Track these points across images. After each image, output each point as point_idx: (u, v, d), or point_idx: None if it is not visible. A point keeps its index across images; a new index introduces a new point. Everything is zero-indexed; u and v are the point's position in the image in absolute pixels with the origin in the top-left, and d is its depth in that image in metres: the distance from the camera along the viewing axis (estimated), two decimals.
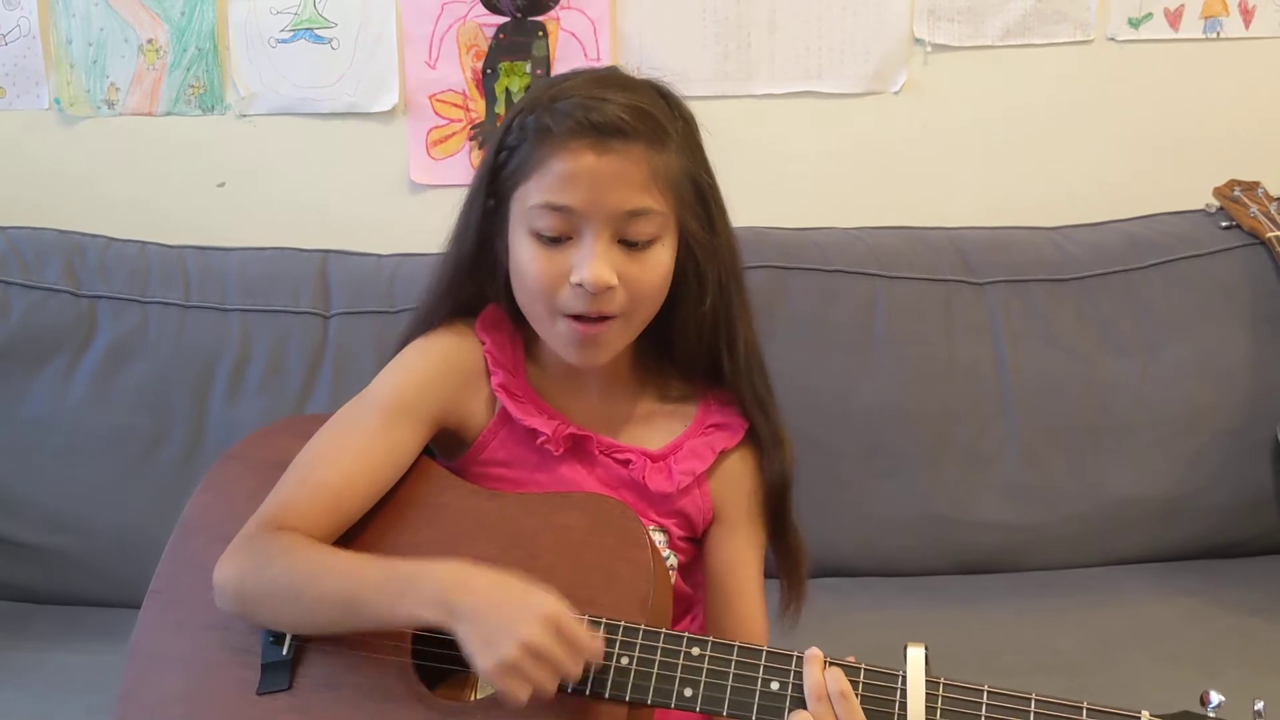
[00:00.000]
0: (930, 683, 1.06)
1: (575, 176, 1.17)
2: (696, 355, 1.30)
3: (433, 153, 2.11)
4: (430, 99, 2.10)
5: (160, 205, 2.10)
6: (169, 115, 2.10)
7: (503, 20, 2.07)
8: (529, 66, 2.09)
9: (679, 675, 1.10)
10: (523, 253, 1.21)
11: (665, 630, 1.12)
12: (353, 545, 1.21)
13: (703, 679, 1.09)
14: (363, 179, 2.12)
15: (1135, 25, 2.13)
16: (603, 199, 1.17)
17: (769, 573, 1.34)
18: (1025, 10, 2.11)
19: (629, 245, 1.19)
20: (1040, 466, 1.89)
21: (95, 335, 1.83)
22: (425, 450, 1.28)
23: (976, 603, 1.78)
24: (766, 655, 1.10)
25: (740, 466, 1.31)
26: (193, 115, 2.10)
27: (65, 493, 1.81)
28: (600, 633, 1.10)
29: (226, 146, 2.11)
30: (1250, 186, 2.00)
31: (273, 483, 1.23)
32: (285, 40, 2.08)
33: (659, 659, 1.10)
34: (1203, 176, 2.04)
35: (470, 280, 1.30)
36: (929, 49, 2.12)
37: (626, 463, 1.27)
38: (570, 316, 1.20)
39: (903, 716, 1.05)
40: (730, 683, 1.09)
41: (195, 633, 1.21)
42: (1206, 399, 1.91)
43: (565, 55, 2.08)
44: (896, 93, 2.12)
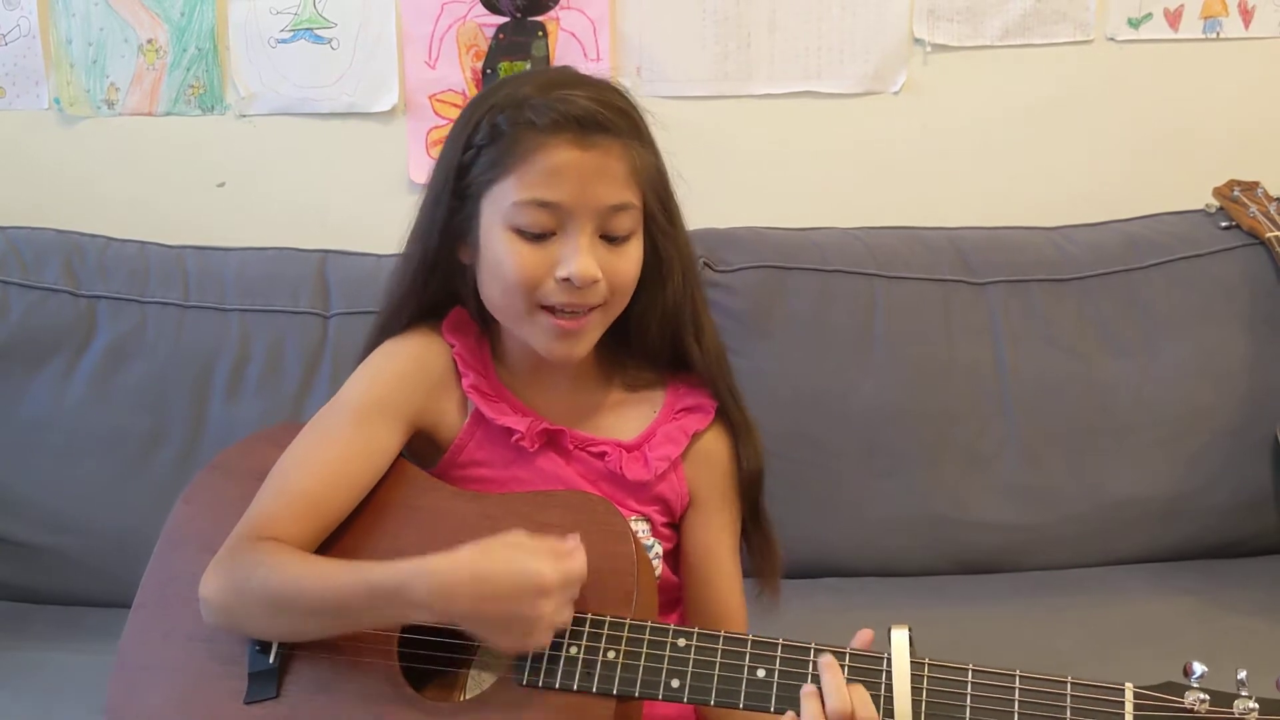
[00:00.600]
0: (915, 664, 1.07)
1: (560, 171, 1.18)
2: (658, 344, 1.31)
3: (433, 153, 2.11)
4: (430, 99, 2.10)
5: (160, 205, 2.10)
6: (169, 115, 2.10)
7: (502, 20, 2.08)
8: (529, 67, 2.08)
9: (665, 667, 1.11)
10: (501, 249, 1.21)
11: (651, 623, 1.13)
12: (335, 550, 1.21)
13: (689, 669, 1.10)
14: (362, 179, 2.12)
15: (1135, 25, 2.13)
16: (588, 193, 1.18)
17: (746, 571, 1.34)
18: (1025, 10, 2.11)
19: (609, 239, 1.21)
20: (1040, 466, 1.89)
21: (94, 335, 1.83)
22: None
23: (976, 603, 1.78)
24: (752, 644, 1.11)
25: (713, 448, 1.32)
26: (192, 115, 2.10)
27: (64, 493, 1.81)
28: (585, 629, 1.11)
29: (226, 146, 2.11)
30: (1250, 186, 2.00)
31: (254, 493, 1.23)
32: (285, 40, 2.08)
33: (645, 651, 1.11)
34: (1202, 176, 2.04)
35: (434, 282, 1.30)
36: (929, 49, 2.12)
37: (602, 455, 1.28)
38: (548, 310, 1.21)
39: (889, 698, 1.06)
40: (717, 672, 1.10)
41: (182, 643, 1.21)
42: (1206, 399, 1.91)
43: (565, 55, 2.08)
44: (896, 93, 2.12)
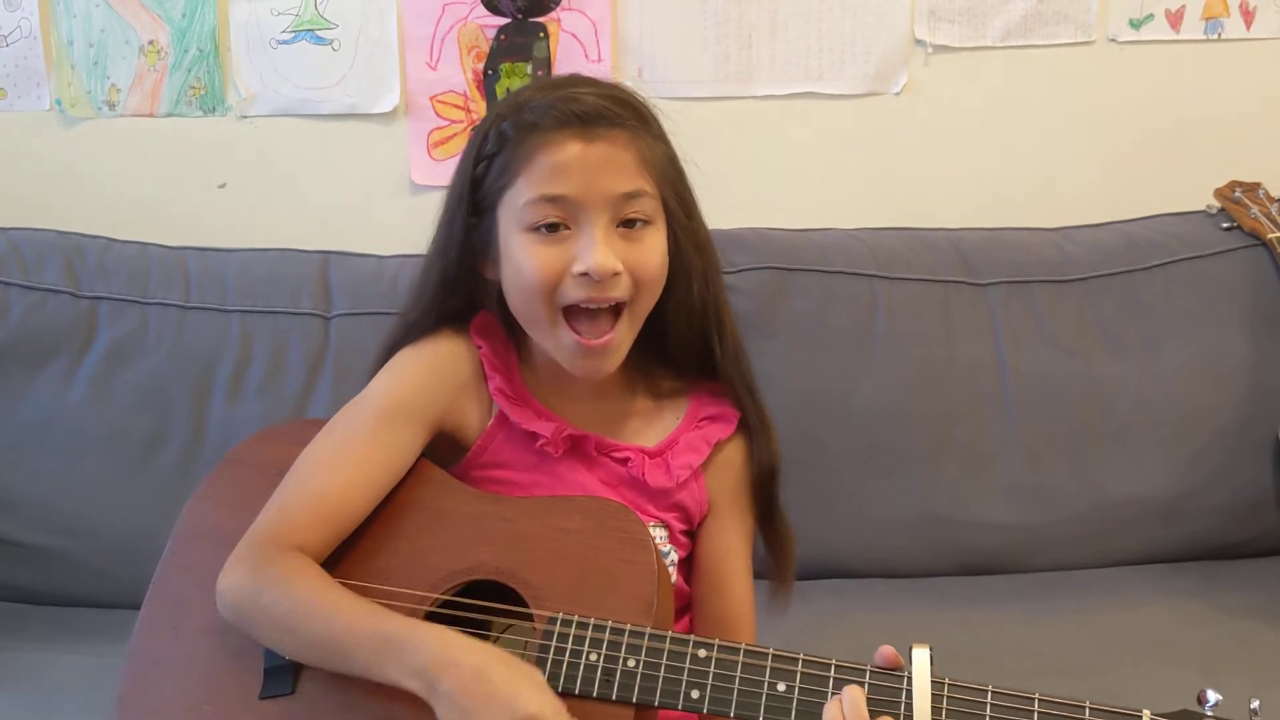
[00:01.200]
0: (935, 683, 1.06)
1: (566, 166, 1.18)
2: (689, 346, 1.30)
3: (434, 154, 2.11)
4: (431, 100, 2.10)
5: (161, 206, 2.10)
6: (170, 116, 2.10)
7: (504, 21, 2.08)
8: (530, 68, 2.09)
9: (685, 678, 1.10)
10: (519, 252, 1.21)
11: (671, 633, 1.12)
12: (354, 551, 1.21)
13: (709, 681, 1.10)
14: (364, 180, 2.13)
15: (1136, 26, 2.13)
16: (597, 184, 1.18)
17: (758, 573, 1.34)
18: (1026, 11, 2.11)
19: (628, 228, 1.20)
20: (1040, 467, 1.88)
21: (95, 336, 1.83)
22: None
23: (976, 604, 1.78)
24: (773, 657, 1.10)
25: (733, 457, 1.32)
26: (194, 116, 2.10)
27: (65, 493, 1.81)
28: (606, 636, 1.11)
29: (227, 148, 2.11)
30: (1251, 187, 2.00)
31: (272, 487, 1.23)
32: (286, 41, 2.08)
33: (665, 661, 1.10)
34: (1203, 177, 2.04)
35: (454, 295, 1.30)
36: (930, 50, 2.12)
37: (625, 461, 1.28)
38: (572, 326, 1.21)
39: (908, 716, 1.05)
40: (737, 685, 1.09)
41: (195, 636, 1.21)
42: (1207, 400, 1.91)
43: (566, 56, 2.08)
44: (897, 94, 2.12)
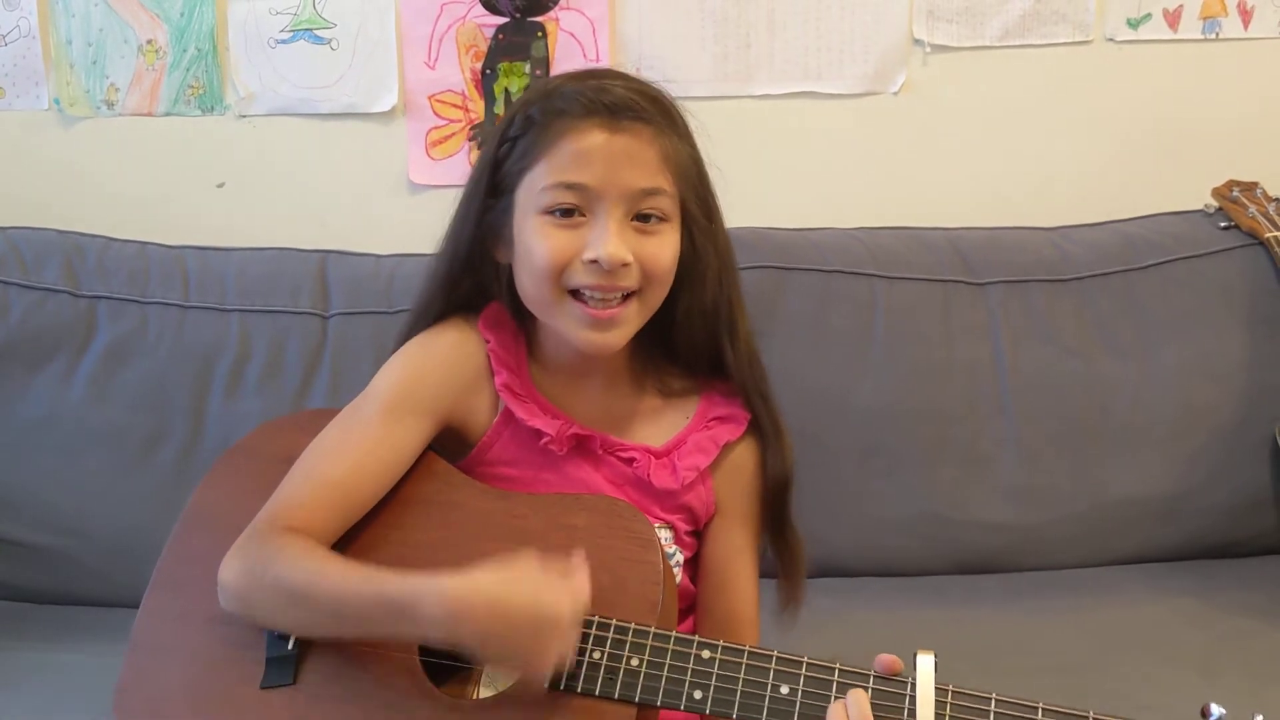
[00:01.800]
0: (939, 690, 1.06)
1: (588, 154, 1.18)
2: (699, 347, 1.30)
3: (432, 153, 2.11)
4: (430, 99, 2.10)
5: (160, 205, 2.10)
6: (168, 115, 2.10)
7: (502, 21, 2.08)
8: (528, 67, 2.09)
9: (689, 678, 1.10)
10: (532, 235, 1.21)
11: (675, 633, 1.12)
12: (359, 541, 1.21)
13: (713, 682, 1.10)
14: (362, 179, 2.13)
15: (1134, 26, 2.13)
16: (616, 176, 1.18)
17: (766, 572, 1.34)
18: (1024, 11, 2.11)
19: (642, 222, 1.20)
20: (1039, 466, 1.89)
21: (95, 335, 1.83)
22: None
23: (974, 603, 1.78)
24: (777, 660, 1.10)
25: (743, 459, 1.31)
26: (192, 115, 2.10)
27: (65, 492, 1.81)
28: (610, 635, 1.11)
29: (226, 147, 2.11)
30: (1249, 187, 2.01)
31: (279, 477, 1.23)
32: (285, 41, 2.08)
33: (669, 661, 1.11)
34: (1201, 177, 2.04)
35: (468, 277, 1.30)
36: (928, 49, 2.12)
37: (630, 460, 1.27)
38: (578, 300, 1.20)
39: None
40: (740, 686, 1.09)
41: (198, 625, 1.21)
42: (1205, 399, 1.91)
43: (564, 56, 2.08)
44: (895, 93, 2.13)
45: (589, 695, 1.10)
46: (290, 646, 1.17)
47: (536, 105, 1.21)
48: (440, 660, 1.16)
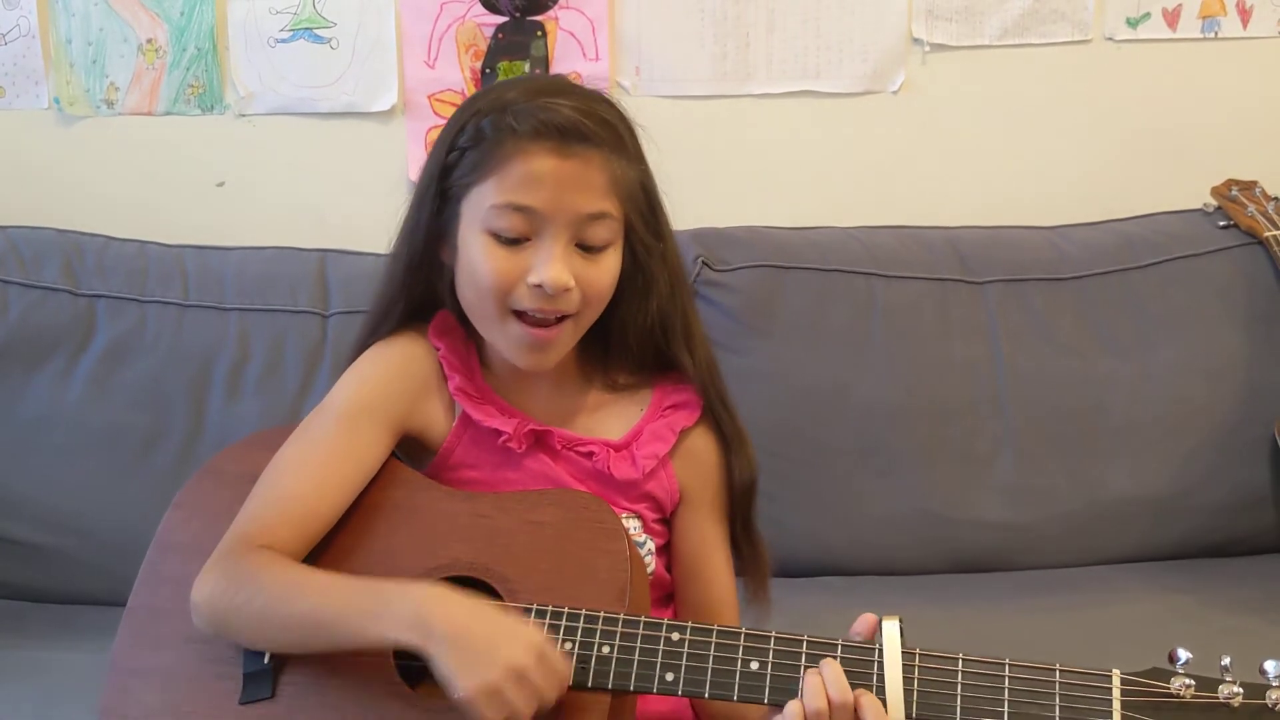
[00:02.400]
0: (906, 654, 1.08)
1: (538, 178, 1.19)
2: (638, 355, 1.31)
3: None
4: (429, 99, 2.10)
5: (159, 205, 2.10)
6: (168, 115, 2.10)
7: (501, 20, 2.08)
8: (528, 66, 2.09)
9: (660, 660, 1.11)
10: (477, 252, 1.22)
11: (644, 618, 1.13)
12: (329, 552, 1.22)
13: (683, 663, 1.11)
14: (362, 178, 2.12)
15: (1133, 25, 2.13)
16: (564, 201, 1.19)
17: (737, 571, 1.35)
18: (1023, 10, 2.11)
19: (585, 249, 1.21)
20: (1036, 465, 1.89)
21: (94, 334, 1.84)
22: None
23: (971, 601, 1.78)
24: (745, 636, 1.11)
25: (701, 444, 1.32)
26: (192, 115, 2.10)
27: (63, 491, 1.81)
28: (580, 625, 1.12)
29: (226, 146, 2.11)
30: (1248, 186, 2.01)
31: (245, 497, 1.23)
32: (284, 40, 2.08)
33: (639, 646, 1.12)
34: (1200, 176, 2.04)
35: (419, 281, 1.31)
36: (927, 49, 2.12)
37: (590, 454, 1.29)
38: (520, 318, 1.22)
39: (881, 687, 1.07)
40: (710, 665, 1.11)
41: (175, 646, 1.22)
42: (1203, 398, 1.91)
43: (564, 55, 2.08)
44: (894, 92, 2.13)
45: None
46: (266, 661, 1.17)
47: (488, 119, 1.21)
48: (415, 663, 1.17)
